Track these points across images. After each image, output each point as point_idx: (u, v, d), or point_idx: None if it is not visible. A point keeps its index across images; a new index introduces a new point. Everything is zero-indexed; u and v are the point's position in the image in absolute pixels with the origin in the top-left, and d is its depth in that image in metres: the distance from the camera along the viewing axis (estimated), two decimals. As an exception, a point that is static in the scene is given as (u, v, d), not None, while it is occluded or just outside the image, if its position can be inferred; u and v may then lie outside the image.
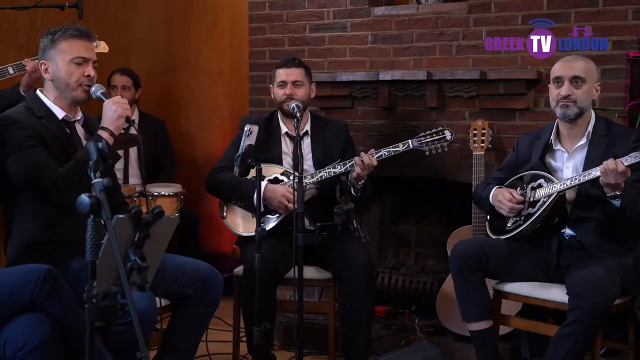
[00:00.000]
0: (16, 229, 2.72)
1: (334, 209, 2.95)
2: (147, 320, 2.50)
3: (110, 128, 2.73)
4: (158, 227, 2.00)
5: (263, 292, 2.94)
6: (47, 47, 2.76)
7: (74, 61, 2.74)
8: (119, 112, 2.73)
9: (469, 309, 3.10)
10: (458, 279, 3.11)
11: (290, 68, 3.48)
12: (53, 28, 2.80)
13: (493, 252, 3.08)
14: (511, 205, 3.06)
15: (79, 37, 2.77)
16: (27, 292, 2.13)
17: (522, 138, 3.30)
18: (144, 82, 4.79)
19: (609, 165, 2.74)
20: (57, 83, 2.76)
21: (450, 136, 3.42)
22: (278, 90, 3.49)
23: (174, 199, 4.04)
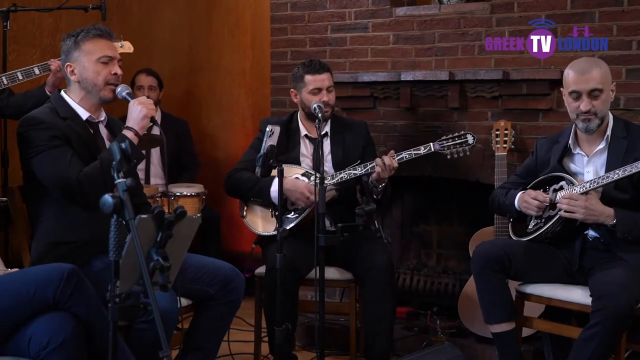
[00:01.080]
0: (40, 229, 2.75)
1: (356, 210, 2.95)
2: (169, 319, 2.51)
3: (135, 128, 2.74)
4: (180, 227, 2.01)
5: (285, 293, 2.94)
6: (71, 49, 2.78)
7: (101, 60, 2.77)
8: (144, 112, 2.75)
9: (491, 311, 3.08)
10: (480, 280, 3.09)
11: (322, 74, 3.44)
12: (74, 30, 2.82)
13: (515, 254, 3.06)
14: (538, 204, 3.03)
15: (102, 37, 2.80)
16: (50, 291, 2.15)
17: (540, 142, 3.27)
18: (166, 83, 4.82)
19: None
20: (85, 84, 2.78)
21: (473, 140, 3.40)
22: (310, 96, 3.44)
23: (196, 199, 4.06)
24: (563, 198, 2.93)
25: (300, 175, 3.44)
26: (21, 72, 3.61)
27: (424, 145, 3.38)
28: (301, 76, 3.48)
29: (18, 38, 4.53)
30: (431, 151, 3.39)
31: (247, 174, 3.46)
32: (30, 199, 2.82)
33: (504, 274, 3.07)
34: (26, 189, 2.82)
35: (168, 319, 2.49)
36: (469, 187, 4.02)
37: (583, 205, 2.87)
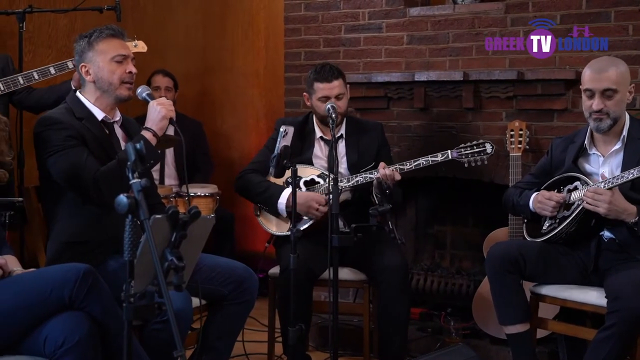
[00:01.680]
0: (56, 229, 2.76)
1: (370, 210, 2.95)
2: (183, 319, 2.52)
3: (153, 128, 2.76)
4: (195, 228, 2.01)
5: (298, 293, 2.94)
6: (85, 50, 2.79)
7: (115, 59, 2.78)
8: (163, 113, 2.76)
9: (505, 312, 3.07)
10: (494, 281, 3.08)
11: (332, 82, 3.41)
12: (85, 32, 2.83)
13: (530, 254, 3.05)
14: (554, 204, 3.02)
15: (115, 36, 2.81)
16: (66, 290, 2.16)
17: (556, 142, 3.25)
18: (181, 84, 4.84)
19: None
20: (100, 83, 2.79)
21: (491, 149, 3.36)
22: (319, 104, 3.43)
23: (210, 199, 4.07)
24: (588, 191, 2.88)
25: (316, 177, 3.44)
26: (37, 72, 3.64)
27: (441, 153, 3.35)
28: (312, 83, 3.47)
29: (34, 39, 4.56)
30: (448, 159, 3.36)
31: (258, 178, 3.46)
32: (46, 199, 2.84)
33: (519, 275, 3.06)
34: (42, 189, 2.84)
35: (182, 319, 2.49)
36: (483, 187, 4.01)
37: (607, 200, 2.83)
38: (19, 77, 3.62)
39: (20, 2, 4.40)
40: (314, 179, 3.44)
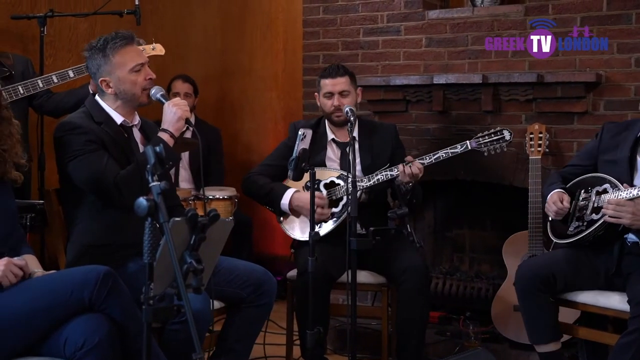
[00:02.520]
0: (76, 231, 2.78)
1: (388, 213, 2.95)
2: (202, 321, 2.53)
3: (170, 130, 2.76)
4: (213, 230, 2.02)
5: (316, 296, 2.94)
6: (102, 64, 2.76)
7: (134, 70, 2.78)
8: (179, 114, 2.77)
9: (536, 332, 3.03)
10: (524, 301, 3.04)
11: (336, 78, 3.44)
12: (94, 42, 2.79)
13: (559, 270, 2.99)
14: (556, 210, 2.99)
15: (128, 44, 2.79)
16: (86, 292, 2.17)
17: (608, 126, 3.17)
18: (200, 87, 4.86)
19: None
20: (122, 95, 2.79)
21: (510, 136, 3.36)
22: (325, 101, 3.46)
23: (228, 202, 4.07)
24: (609, 204, 2.86)
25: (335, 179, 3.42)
26: (56, 75, 3.66)
27: (460, 144, 3.35)
28: (319, 80, 3.51)
29: (55, 43, 4.60)
30: (468, 149, 3.35)
31: (263, 180, 3.47)
32: (66, 202, 2.86)
33: (550, 293, 3.01)
34: (62, 192, 2.86)
35: (201, 321, 2.50)
36: (502, 191, 3.98)
37: (631, 211, 2.80)
38: (38, 80, 3.65)
39: (42, 7, 4.44)
40: (333, 181, 3.43)
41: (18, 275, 2.21)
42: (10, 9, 4.37)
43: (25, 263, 2.25)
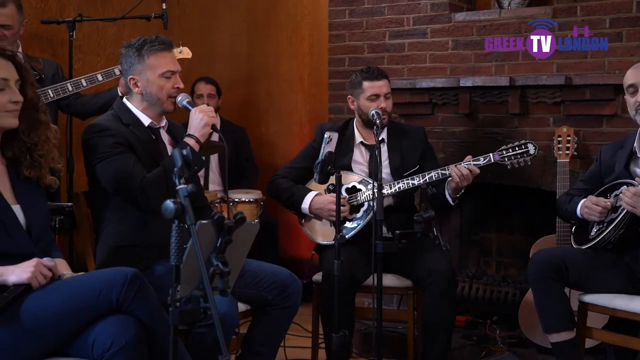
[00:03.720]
0: (104, 233, 2.81)
1: (414, 217, 2.93)
2: (228, 324, 2.53)
3: (196, 135, 2.78)
4: (240, 233, 2.02)
5: (342, 299, 2.94)
6: (135, 62, 2.81)
7: (164, 75, 2.81)
8: (205, 120, 2.79)
9: (549, 320, 3.02)
10: (537, 289, 3.04)
11: (380, 80, 3.44)
12: (133, 40, 2.84)
13: (573, 262, 2.99)
14: (600, 209, 2.96)
15: (166, 50, 2.83)
16: (114, 294, 2.19)
17: (604, 148, 3.22)
18: (226, 90, 4.89)
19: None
20: (148, 97, 2.83)
21: (534, 150, 3.31)
22: (368, 103, 3.44)
23: (254, 205, 4.09)
24: (626, 191, 2.84)
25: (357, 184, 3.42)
26: (85, 79, 3.71)
27: (483, 156, 3.32)
28: (359, 82, 3.48)
29: (83, 47, 4.66)
30: (491, 162, 3.32)
31: (286, 183, 3.49)
32: (94, 204, 2.89)
33: (562, 282, 3.00)
34: (91, 195, 2.89)
35: (227, 324, 2.51)
36: (529, 194, 3.95)
37: None
38: (68, 84, 3.70)
39: (71, 11, 4.50)
40: (355, 186, 3.43)
41: (47, 277, 2.24)
42: (40, 13, 4.44)
43: (54, 264, 2.28)
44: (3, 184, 2.32)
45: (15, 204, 2.30)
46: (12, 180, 2.35)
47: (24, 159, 2.36)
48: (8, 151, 2.36)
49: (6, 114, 2.27)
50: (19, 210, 2.31)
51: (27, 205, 2.33)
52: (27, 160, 2.36)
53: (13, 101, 2.28)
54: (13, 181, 2.35)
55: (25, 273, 2.19)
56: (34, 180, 2.36)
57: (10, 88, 2.28)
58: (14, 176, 2.35)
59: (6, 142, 2.36)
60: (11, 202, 2.30)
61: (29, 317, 2.16)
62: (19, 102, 2.30)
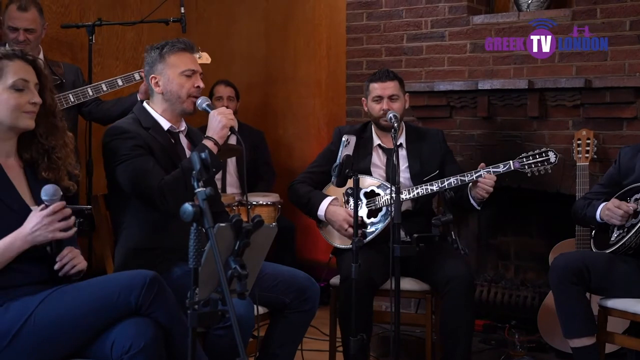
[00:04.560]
0: (123, 236, 2.83)
1: (432, 220, 2.92)
2: (245, 326, 2.54)
3: (214, 137, 2.79)
4: (258, 236, 2.03)
5: (360, 303, 2.93)
6: (156, 62, 2.85)
7: (185, 74, 2.83)
8: (224, 122, 2.80)
9: (570, 325, 3.00)
10: (558, 293, 3.01)
11: (385, 82, 3.43)
12: (158, 43, 2.89)
13: (594, 266, 2.96)
14: (622, 213, 2.94)
15: (186, 50, 2.87)
16: (133, 296, 2.20)
17: (624, 150, 3.19)
18: (244, 93, 4.90)
19: None
20: (168, 96, 2.85)
21: (555, 158, 3.26)
22: (374, 105, 3.45)
23: (272, 208, 4.09)
24: None
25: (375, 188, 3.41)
26: (105, 84, 3.73)
27: (503, 163, 3.27)
28: (367, 84, 3.50)
29: (102, 51, 4.70)
30: (510, 169, 3.28)
31: (304, 189, 3.48)
32: (113, 207, 2.91)
33: (583, 286, 2.98)
34: (110, 197, 2.91)
35: (244, 326, 2.51)
36: (549, 198, 3.92)
37: None
38: (88, 88, 3.72)
39: (91, 16, 4.54)
40: (373, 190, 3.42)
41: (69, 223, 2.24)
42: (61, 18, 4.48)
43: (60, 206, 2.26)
44: (21, 186, 2.34)
45: (33, 205, 2.32)
46: (29, 182, 2.37)
47: (41, 161, 2.38)
48: (25, 153, 2.38)
49: (24, 115, 2.29)
50: None
51: None
52: (45, 162, 2.38)
53: (32, 102, 2.30)
54: (31, 183, 2.36)
55: (48, 234, 2.20)
56: (52, 181, 2.38)
57: (30, 90, 2.31)
58: (32, 178, 2.37)
59: (23, 144, 2.38)
60: (30, 203, 2.32)
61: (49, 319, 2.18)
62: (37, 103, 2.32)
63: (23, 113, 2.29)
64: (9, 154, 2.35)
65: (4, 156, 2.33)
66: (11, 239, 2.21)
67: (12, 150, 2.36)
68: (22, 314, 2.17)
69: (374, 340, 3.74)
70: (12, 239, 2.21)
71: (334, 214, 3.36)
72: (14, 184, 2.31)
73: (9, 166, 2.33)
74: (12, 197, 2.29)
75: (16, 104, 2.27)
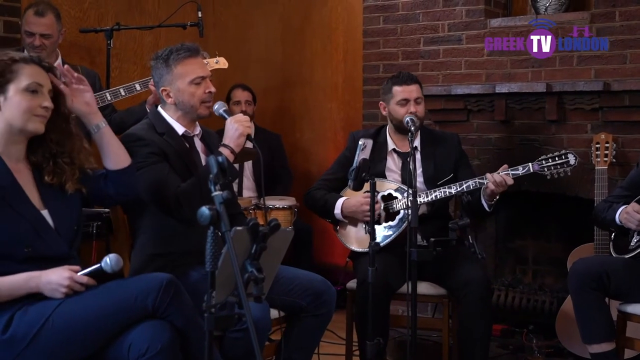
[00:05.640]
0: (140, 241, 2.83)
1: (449, 224, 2.90)
2: (261, 330, 2.54)
3: (231, 145, 2.78)
4: (274, 240, 2.03)
5: (376, 307, 2.92)
6: (164, 74, 2.82)
7: (194, 82, 2.81)
8: (240, 130, 2.79)
9: (589, 330, 2.97)
10: (577, 298, 2.99)
11: (410, 85, 3.42)
12: (160, 52, 2.85)
13: (615, 271, 2.94)
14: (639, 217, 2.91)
15: (192, 56, 2.82)
16: (150, 299, 2.21)
17: None
18: (260, 97, 4.91)
19: None
20: (181, 106, 2.84)
21: (575, 161, 3.22)
22: (398, 108, 3.42)
23: (288, 211, 4.09)
24: None
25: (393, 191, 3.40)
26: (123, 89, 3.75)
27: (522, 166, 3.25)
28: (389, 87, 3.47)
29: (120, 55, 4.73)
30: (530, 172, 3.26)
31: (320, 194, 3.49)
32: (130, 211, 2.91)
33: (603, 292, 2.95)
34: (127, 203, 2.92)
35: (260, 330, 2.51)
36: (567, 202, 3.89)
37: None
38: (106, 93, 3.74)
39: (109, 20, 4.57)
40: (391, 193, 3.41)
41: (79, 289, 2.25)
42: (79, 22, 4.52)
43: (86, 280, 2.27)
44: (30, 190, 2.34)
45: (43, 209, 2.33)
46: (38, 185, 2.37)
47: (46, 165, 2.37)
48: (33, 156, 2.38)
49: (34, 118, 2.29)
50: (47, 215, 2.33)
51: (54, 209, 2.35)
52: (50, 166, 2.37)
53: (43, 106, 2.30)
54: (40, 186, 2.37)
55: (58, 293, 2.21)
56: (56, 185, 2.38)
57: (43, 94, 2.31)
58: (40, 181, 2.37)
59: (32, 148, 2.38)
60: (39, 207, 2.33)
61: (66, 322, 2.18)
62: (48, 108, 2.31)
63: (34, 116, 2.28)
64: (18, 158, 2.35)
65: (14, 160, 2.33)
66: (26, 277, 2.21)
67: (21, 155, 2.36)
68: (40, 317, 2.18)
69: (390, 345, 3.73)
70: (27, 277, 2.21)
71: (350, 205, 3.36)
72: (24, 189, 2.31)
73: (19, 170, 2.33)
74: (22, 203, 2.28)
75: (28, 106, 2.27)
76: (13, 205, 2.26)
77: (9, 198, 2.25)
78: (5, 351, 2.16)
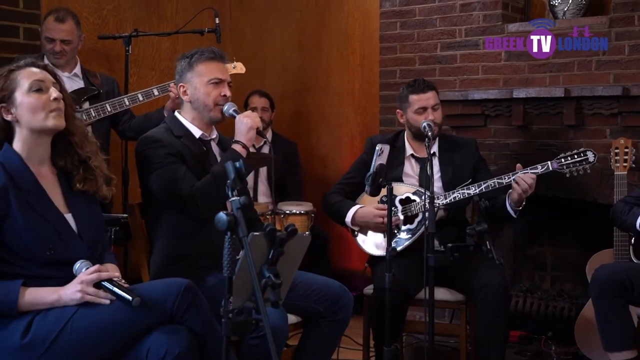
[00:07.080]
0: (158, 245, 2.85)
1: (467, 230, 2.90)
2: (278, 335, 2.54)
3: (242, 140, 2.82)
4: (291, 245, 2.03)
5: (394, 312, 2.92)
6: (185, 70, 2.89)
7: (211, 82, 2.85)
8: (249, 123, 2.82)
9: (611, 338, 2.94)
10: (599, 305, 2.96)
11: (426, 92, 3.42)
12: (189, 52, 2.92)
13: (638, 278, 2.91)
14: None
15: (214, 59, 2.89)
16: (168, 304, 2.21)
17: None
18: (277, 103, 4.92)
19: None
20: (196, 104, 2.88)
21: (594, 158, 3.23)
22: (416, 116, 3.42)
23: (305, 217, 4.09)
24: None
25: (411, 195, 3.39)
26: (141, 94, 3.78)
27: (541, 164, 3.25)
28: (406, 96, 3.47)
29: (139, 61, 4.76)
30: (549, 170, 3.26)
31: (335, 199, 3.51)
32: (148, 216, 2.94)
33: (625, 299, 2.92)
34: (145, 206, 2.94)
35: (278, 335, 2.51)
36: (585, 207, 3.86)
37: None
38: (125, 98, 3.77)
39: (127, 27, 4.61)
40: (409, 197, 3.40)
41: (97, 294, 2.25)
42: (98, 29, 4.56)
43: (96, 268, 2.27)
44: (55, 194, 2.34)
45: (67, 213, 2.34)
46: (63, 189, 2.37)
47: (76, 173, 2.38)
48: (59, 161, 2.38)
49: (51, 114, 2.28)
50: (70, 219, 2.34)
51: (78, 213, 2.36)
52: (81, 173, 2.38)
53: (53, 98, 2.28)
54: (65, 190, 2.37)
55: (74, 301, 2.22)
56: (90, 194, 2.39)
57: (48, 88, 2.30)
58: (65, 186, 2.37)
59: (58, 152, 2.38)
60: (63, 210, 2.33)
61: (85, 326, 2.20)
62: (58, 99, 2.30)
63: (49, 112, 2.28)
64: (42, 161, 2.34)
65: (37, 163, 2.33)
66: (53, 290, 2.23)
67: (45, 157, 2.35)
68: (59, 321, 2.19)
69: (407, 350, 3.72)
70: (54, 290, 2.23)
71: (363, 214, 3.38)
72: (48, 193, 2.31)
73: (43, 174, 2.33)
74: (46, 206, 2.29)
75: (38, 103, 2.27)
76: (36, 208, 2.26)
77: (32, 201, 2.26)
78: (25, 355, 2.17)
